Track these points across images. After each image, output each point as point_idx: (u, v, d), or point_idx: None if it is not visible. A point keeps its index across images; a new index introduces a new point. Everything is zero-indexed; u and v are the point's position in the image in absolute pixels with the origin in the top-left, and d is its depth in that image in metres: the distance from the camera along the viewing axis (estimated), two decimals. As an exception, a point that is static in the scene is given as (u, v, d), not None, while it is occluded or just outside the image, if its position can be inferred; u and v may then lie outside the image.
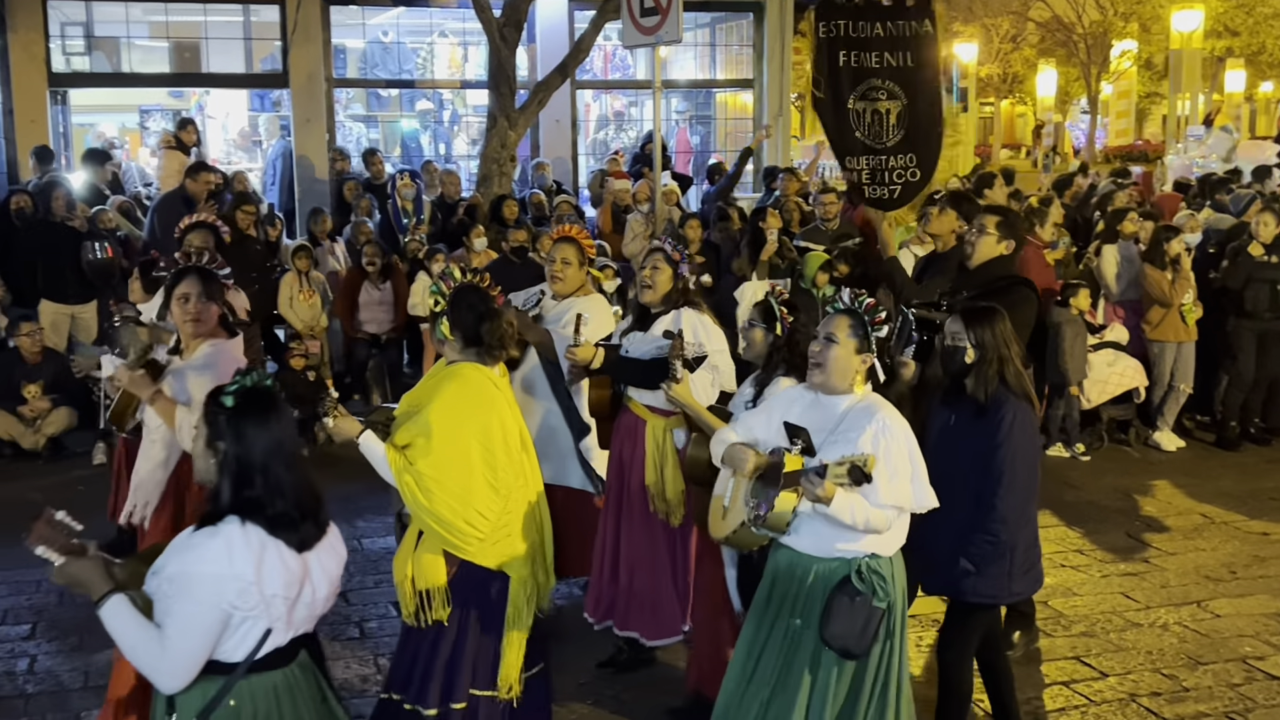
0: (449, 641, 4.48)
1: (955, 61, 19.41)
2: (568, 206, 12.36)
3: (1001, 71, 44.54)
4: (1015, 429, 4.56)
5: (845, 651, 4.06)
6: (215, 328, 5.09)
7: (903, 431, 4.10)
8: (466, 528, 4.34)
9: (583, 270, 6.11)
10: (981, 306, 4.80)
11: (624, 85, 18.87)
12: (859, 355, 4.15)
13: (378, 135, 18.47)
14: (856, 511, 3.94)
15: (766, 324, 5.00)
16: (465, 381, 4.45)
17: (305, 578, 3.26)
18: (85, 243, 9.88)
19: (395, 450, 4.35)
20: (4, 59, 14.95)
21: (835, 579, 4.10)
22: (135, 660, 3.14)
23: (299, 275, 10.64)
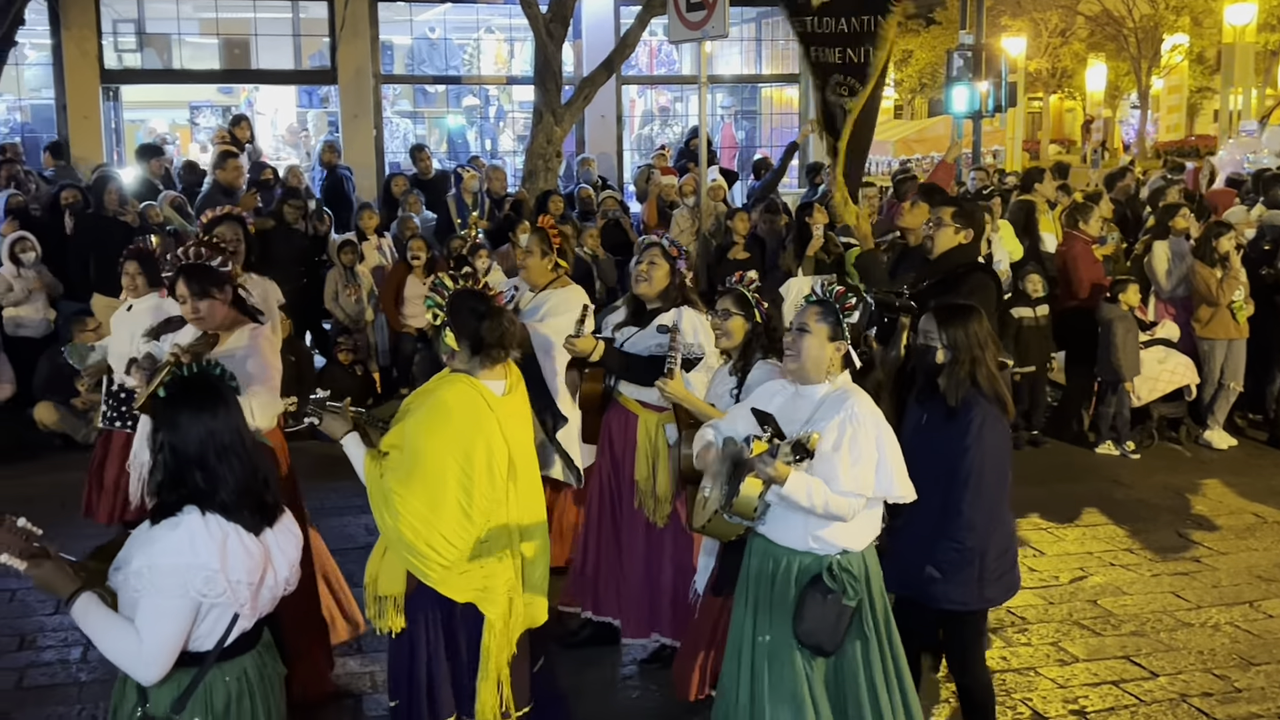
0: (426, 662, 4.37)
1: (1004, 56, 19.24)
2: (613, 202, 12.38)
3: (1050, 66, 44.08)
4: (985, 432, 4.47)
5: (817, 648, 4.06)
6: (236, 316, 5.11)
7: (872, 419, 4.06)
8: (430, 552, 4.15)
9: (546, 261, 6.14)
10: (956, 305, 4.74)
11: (669, 80, 18.87)
12: (832, 343, 4.14)
13: (424, 131, 18.58)
14: (814, 495, 3.90)
15: (744, 311, 4.99)
16: (454, 397, 4.24)
17: (267, 563, 3.31)
18: (137, 237, 9.98)
19: (374, 459, 4.21)
20: (58, 56, 15.19)
21: (807, 574, 4.09)
22: (111, 654, 3.17)
23: (344, 270, 10.71)
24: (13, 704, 5.54)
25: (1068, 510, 8.36)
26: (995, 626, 6.43)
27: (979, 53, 17.91)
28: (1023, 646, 6.21)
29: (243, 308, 5.18)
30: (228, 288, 5.06)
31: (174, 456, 3.23)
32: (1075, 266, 10.00)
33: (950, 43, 27.71)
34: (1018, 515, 8.15)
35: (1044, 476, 9.17)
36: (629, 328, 5.73)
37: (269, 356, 5.02)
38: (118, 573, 3.23)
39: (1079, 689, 5.77)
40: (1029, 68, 38.52)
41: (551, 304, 6.10)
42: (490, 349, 4.31)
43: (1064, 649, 6.19)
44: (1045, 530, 7.97)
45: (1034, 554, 7.54)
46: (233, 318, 5.09)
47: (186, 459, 3.23)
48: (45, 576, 3.19)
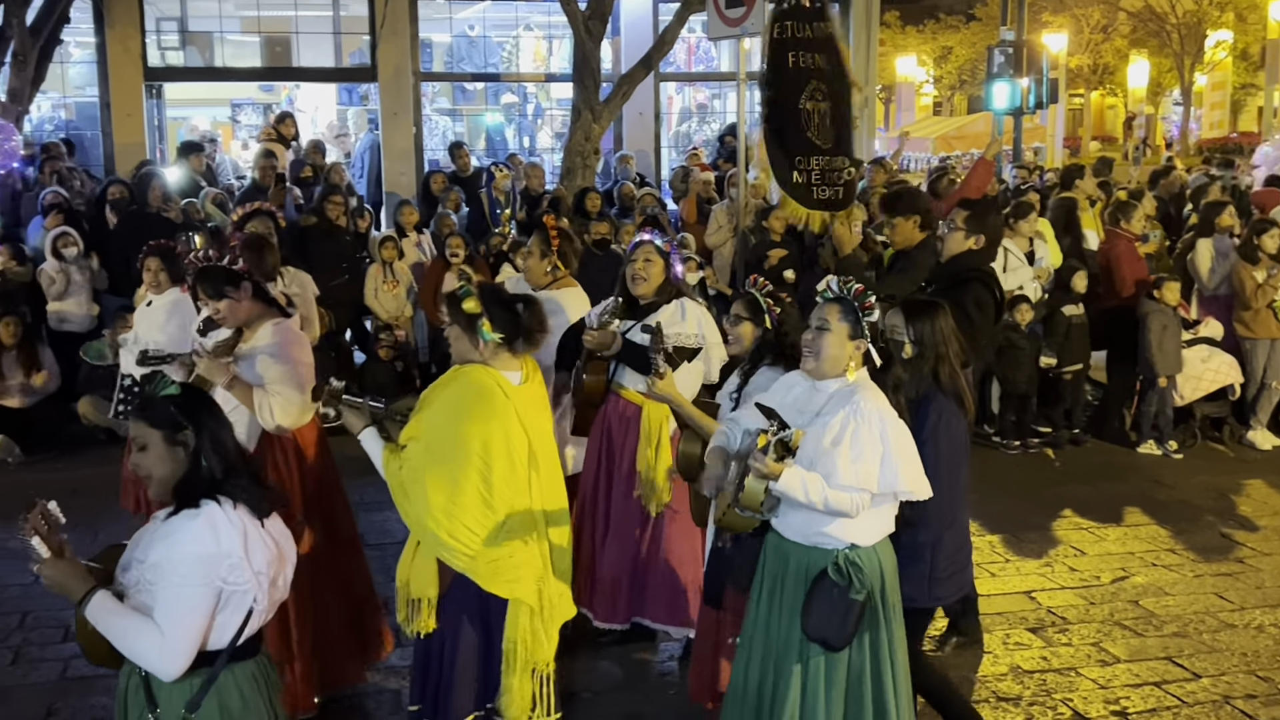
0: (450, 656, 4.41)
1: (1045, 52, 19.08)
2: (651, 199, 12.38)
3: (1092, 62, 43.71)
4: (940, 428, 4.46)
5: (825, 643, 4.03)
6: (262, 310, 5.11)
7: (877, 415, 4.01)
8: (453, 541, 4.21)
9: (545, 261, 6.11)
10: (923, 301, 4.73)
11: (708, 77, 18.84)
12: (852, 341, 4.11)
13: (462, 129, 18.64)
14: (811, 490, 3.87)
15: (754, 317, 4.95)
16: (470, 387, 4.28)
17: (281, 558, 3.35)
18: (180, 233, 10.08)
19: (392, 454, 4.26)
20: (102, 54, 15.36)
21: (815, 569, 4.07)
22: (132, 651, 3.16)
23: (383, 266, 10.77)
24: (57, 694, 5.61)
25: (1109, 510, 8.30)
26: (1035, 626, 6.40)
27: (1020, 49, 17.78)
28: (1063, 647, 6.17)
29: (267, 300, 5.17)
30: (245, 285, 5.03)
31: (211, 448, 3.28)
32: (1118, 265, 9.92)
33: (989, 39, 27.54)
34: (1059, 515, 8.17)
35: (1085, 476, 9.11)
36: (627, 321, 5.72)
37: (294, 352, 5.00)
38: (126, 572, 3.24)
39: (1120, 690, 5.73)
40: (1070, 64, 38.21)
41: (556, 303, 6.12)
42: (526, 338, 4.38)
43: (1105, 649, 6.15)
44: (1086, 530, 7.92)
45: (1075, 554, 7.48)
46: (257, 312, 5.09)
47: (219, 448, 3.30)
48: (57, 576, 3.19)
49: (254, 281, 5.10)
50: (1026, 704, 5.57)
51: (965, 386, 4.62)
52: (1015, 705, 5.55)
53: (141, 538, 3.30)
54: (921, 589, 4.56)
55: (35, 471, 9.08)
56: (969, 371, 6.34)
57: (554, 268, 6.14)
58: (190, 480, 3.28)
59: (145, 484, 3.33)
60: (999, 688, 5.72)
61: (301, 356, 5.04)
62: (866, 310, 4.12)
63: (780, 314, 4.92)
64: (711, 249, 11.49)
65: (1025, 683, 5.77)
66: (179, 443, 3.28)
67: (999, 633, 6.32)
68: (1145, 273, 10.00)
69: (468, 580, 4.32)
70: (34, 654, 5.99)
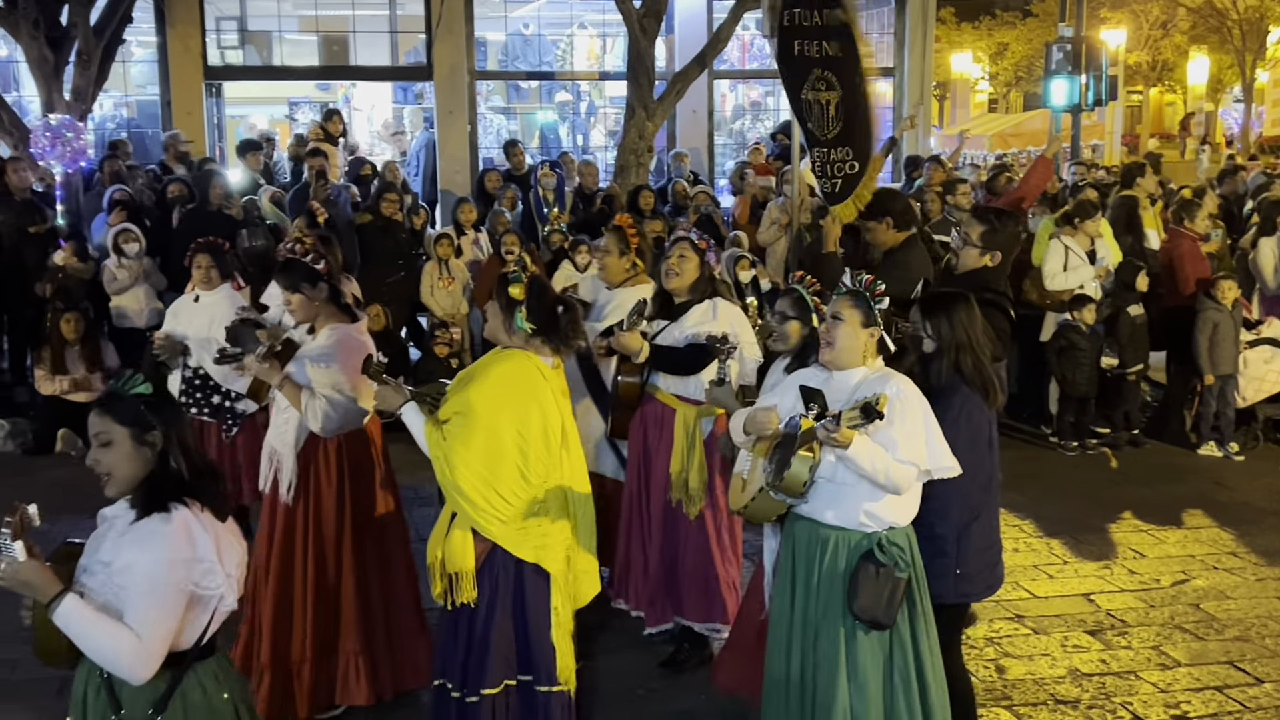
0: (482, 626, 4.49)
1: (1104, 49, 18.85)
2: (705, 197, 12.36)
3: (1150, 58, 43.10)
4: (960, 420, 4.43)
5: (874, 623, 4.08)
6: (333, 312, 5.20)
7: (917, 397, 4.11)
8: (488, 507, 4.36)
9: (624, 259, 6.13)
10: (942, 295, 4.72)
11: (762, 75, 18.78)
12: (865, 329, 4.18)
13: (516, 127, 18.72)
14: (877, 460, 3.94)
15: (800, 316, 4.94)
16: (512, 367, 4.46)
17: (244, 559, 3.35)
18: (242, 230, 10.20)
19: (434, 425, 4.39)
20: (163, 54, 15.59)
21: (857, 551, 4.11)
22: (101, 655, 3.11)
23: (439, 263, 10.83)
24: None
25: (1169, 512, 8.19)
26: (1094, 629, 6.34)
27: (1079, 45, 17.57)
28: (1123, 650, 6.11)
29: (340, 304, 5.26)
30: (321, 285, 5.14)
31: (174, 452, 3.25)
32: (1181, 264, 9.79)
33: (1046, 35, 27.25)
34: (1118, 516, 8.08)
35: (1145, 477, 9.00)
36: (660, 321, 5.74)
37: (345, 360, 5.05)
38: (88, 574, 3.18)
39: (1181, 694, 5.66)
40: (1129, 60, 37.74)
41: (616, 303, 6.12)
42: (560, 339, 4.52)
43: (1165, 653, 6.08)
44: (1146, 532, 7.82)
45: (1135, 556, 7.40)
46: (326, 314, 5.19)
47: (185, 449, 3.28)
48: (29, 577, 3.10)
49: (331, 283, 5.18)
50: (1085, 707, 5.52)
51: (992, 378, 4.59)
52: (1074, 708, 5.50)
53: (103, 539, 3.24)
54: (947, 584, 4.53)
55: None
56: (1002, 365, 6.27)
57: (633, 265, 6.17)
58: (159, 482, 3.23)
59: (102, 481, 3.24)
60: (1057, 690, 5.67)
61: (355, 363, 5.06)
62: (878, 299, 4.19)
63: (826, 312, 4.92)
64: (764, 246, 11.46)
65: (1084, 685, 5.72)
66: (147, 443, 3.23)
67: (1057, 635, 6.26)
68: (1208, 272, 9.86)
69: (501, 554, 4.46)
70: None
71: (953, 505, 4.41)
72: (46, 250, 10.08)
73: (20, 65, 14.61)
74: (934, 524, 4.40)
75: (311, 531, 5.15)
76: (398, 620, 5.35)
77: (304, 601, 5.17)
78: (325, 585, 5.18)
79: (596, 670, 5.74)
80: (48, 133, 10.56)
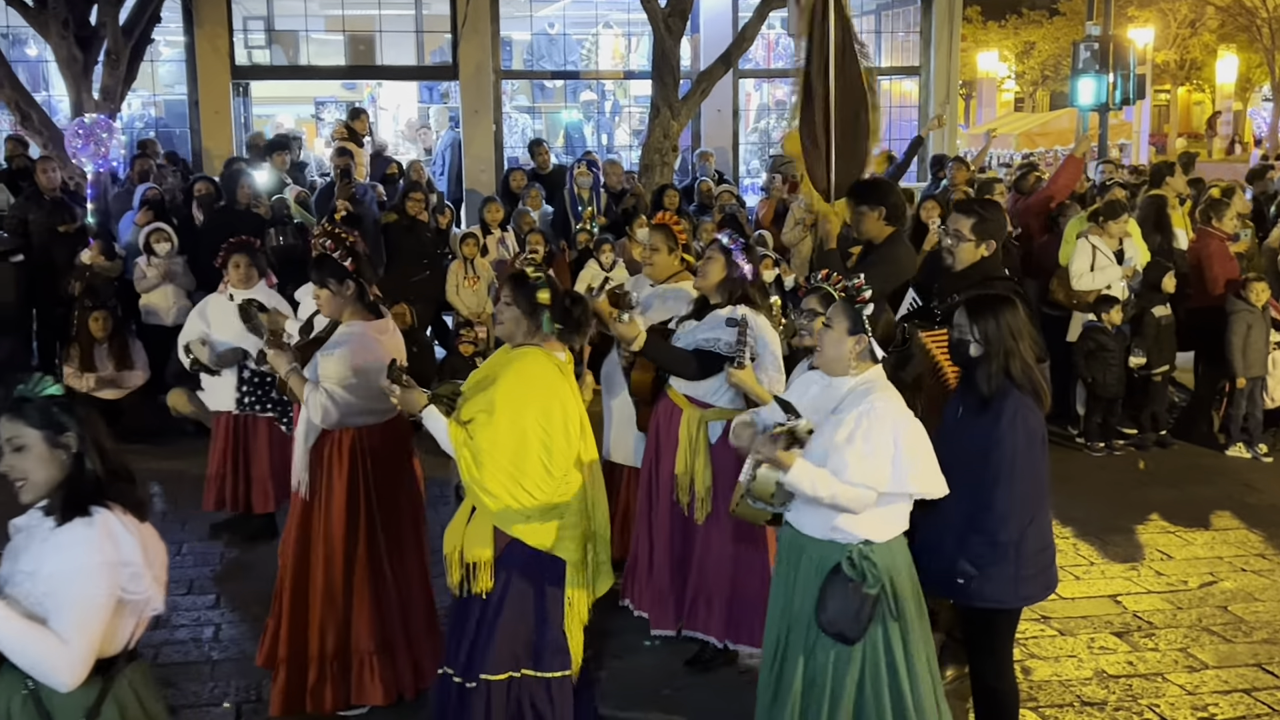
0: (493, 614, 4.54)
1: (1132, 47, 18.75)
2: (729, 197, 12.35)
3: (1178, 57, 42.84)
4: (1016, 424, 4.39)
5: (840, 636, 4.08)
6: (357, 308, 5.24)
7: (890, 414, 4.05)
8: (512, 502, 4.42)
9: (673, 256, 6.14)
10: (987, 297, 4.65)
11: (787, 74, 18.73)
12: (851, 337, 4.15)
13: (541, 126, 18.75)
14: (819, 485, 3.93)
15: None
16: (531, 364, 4.53)
17: (165, 560, 3.32)
18: (270, 229, 10.25)
19: (457, 425, 4.44)
20: (191, 53, 15.68)
21: (828, 563, 4.11)
22: (30, 662, 3.05)
23: (465, 262, 10.86)
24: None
25: (1197, 514, 8.14)
26: (1121, 630, 6.31)
27: (1106, 44, 17.49)
28: (1150, 652, 6.07)
29: (365, 302, 5.28)
30: (348, 282, 5.18)
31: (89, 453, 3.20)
32: (1209, 264, 9.72)
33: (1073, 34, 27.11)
34: (1145, 518, 8.04)
35: (1172, 479, 8.95)
36: (689, 320, 5.72)
37: (359, 358, 5.06)
38: (9, 584, 3.11)
39: (1208, 696, 5.63)
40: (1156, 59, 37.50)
41: (660, 299, 6.14)
42: (578, 332, 4.64)
43: (1193, 655, 6.04)
44: (1173, 534, 7.77)
45: (1162, 558, 7.36)
46: (351, 311, 5.23)
47: (94, 455, 3.21)
48: None
49: (358, 281, 5.22)
50: (1112, 709, 5.49)
51: (1041, 380, 4.56)
52: (1100, 710, 5.48)
53: (20, 550, 3.16)
54: (1008, 590, 4.51)
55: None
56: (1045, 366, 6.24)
57: (681, 261, 6.18)
58: (76, 485, 3.16)
59: (16, 488, 3.16)
60: (1083, 692, 5.65)
61: (366, 360, 5.06)
62: (862, 304, 4.18)
63: None
64: (788, 246, 11.44)
65: (1111, 687, 5.69)
66: (61, 445, 3.16)
67: (1083, 636, 6.23)
68: (1237, 273, 9.78)
69: (519, 545, 4.51)
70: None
71: (1013, 511, 4.38)
72: (76, 249, 10.15)
73: (50, 65, 14.71)
74: (996, 531, 4.38)
75: (323, 527, 5.17)
76: (414, 619, 5.36)
77: (317, 598, 5.19)
78: (337, 582, 5.19)
79: (621, 669, 5.76)
80: (80, 131, 10.63)
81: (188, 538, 7.55)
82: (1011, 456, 4.36)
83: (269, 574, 6.96)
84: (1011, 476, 4.35)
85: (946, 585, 4.55)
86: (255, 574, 6.94)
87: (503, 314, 4.62)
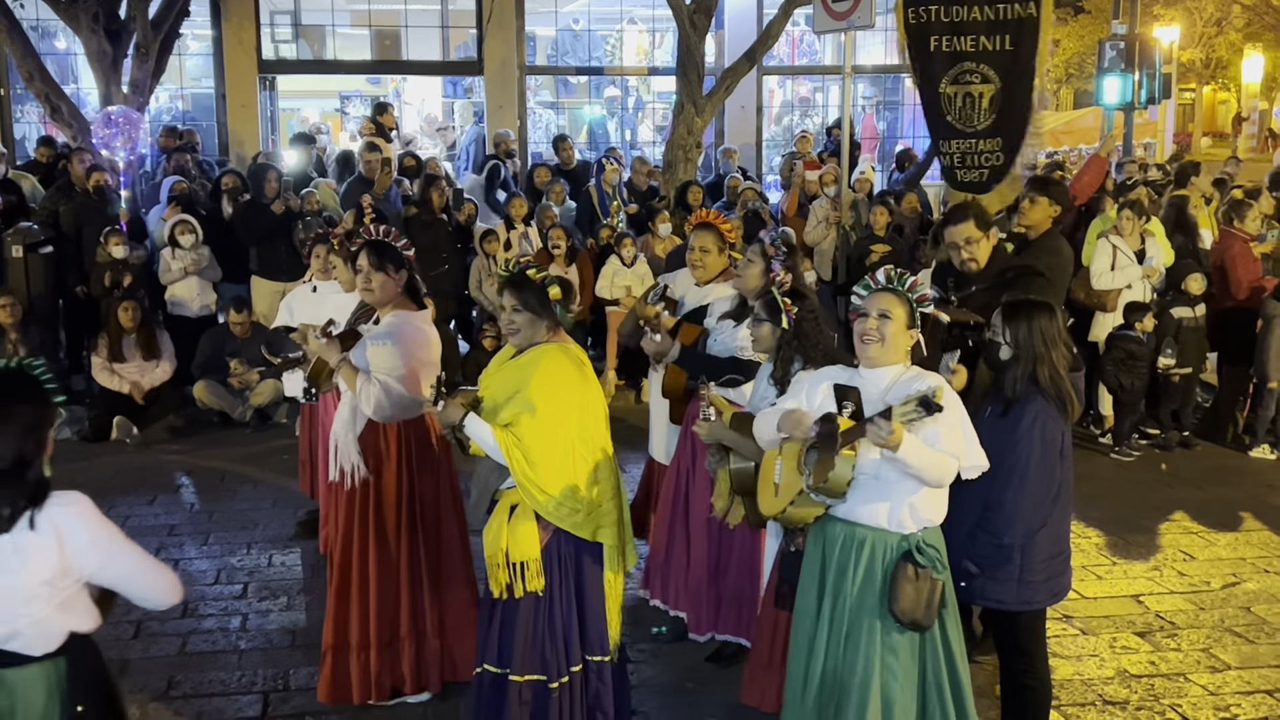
0: (557, 609, 4.55)
1: (1158, 46, 18.66)
2: (752, 193, 12.35)
3: (1204, 56, 42.58)
4: (1035, 429, 4.40)
5: (915, 624, 4.07)
6: (401, 298, 5.28)
7: (953, 394, 4.08)
8: (569, 499, 4.46)
9: (723, 256, 6.09)
10: (1024, 302, 4.65)
11: (811, 71, 18.78)
12: (909, 330, 4.17)
13: (564, 122, 18.79)
14: (925, 455, 3.92)
15: (771, 318, 4.90)
16: (555, 361, 4.54)
17: None
18: (298, 221, 10.32)
19: (501, 429, 4.44)
20: (218, 47, 15.79)
21: (894, 553, 4.11)
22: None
23: (487, 258, 10.90)
24: (176, 668, 5.81)
25: (1220, 514, 8.13)
26: (1143, 630, 6.32)
27: (1132, 43, 17.41)
28: (1172, 652, 6.08)
29: (413, 292, 5.34)
30: (404, 271, 5.25)
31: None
32: (1233, 266, 9.69)
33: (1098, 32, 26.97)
34: (1168, 518, 8.03)
35: (1196, 479, 8.93)
36: (728, 320, 5.73)
37: (410, 348, 5.12)
38: None
39: (1230, 697, 5.63)
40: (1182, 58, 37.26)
41: (703, 299, 6.13)
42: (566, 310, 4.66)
43: (1215, 656, 6.05)
44: (1196, 534, 7.77)
45: (1184, 558, 7.36)
46: (398, 300, 5.27)
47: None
48: None
49: (411, 271, 5.29)
50: (1134, 709, 5.51)
51: (1069, 390, 4.56)
52: (1122, 709, 5.49)
53: None
54: (1010, 592, 4.53)
55: (151, 453, 9.37)
56: (1079, 375, 6.25)
57: (730, 260, 6.16)
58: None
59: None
60: (1105, 691, 5.66)
61: (417, 351, 5.14)
62: (922, 302, 4.18)
63: (798, 314, 4.87)
64: (811, 245, 11.46)
65: (1133, 687, 5.70)
66: None
67: (1105, 636, 6.24)
68: (1260, 274, 9.75)
69: (561, 537, 4.54)
70: (154, 628, 6.20)
71: (1020, 515, 4.40)
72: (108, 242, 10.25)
73: (79, 58, 14.85)
74: (1002, 533, 4.41)
75: (372, 518, 5.21)
76: (452, 611, 5.40)
77: (362, 588, 5.24)
78: (385, 573, 5.24)
79: (641, 663, 5.80)
80: (112, 118, 10.75)
81: (214, 528, 7.62)
82: (1026, 461, 4.38)
83: (296, 563, 7.07)
84: (1024, 481, 4.38)
85: (952, 581, 4.57)
86: (282, 563, 7.02)
87: (515, 321, 4.56)
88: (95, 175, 10.68)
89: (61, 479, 3.31)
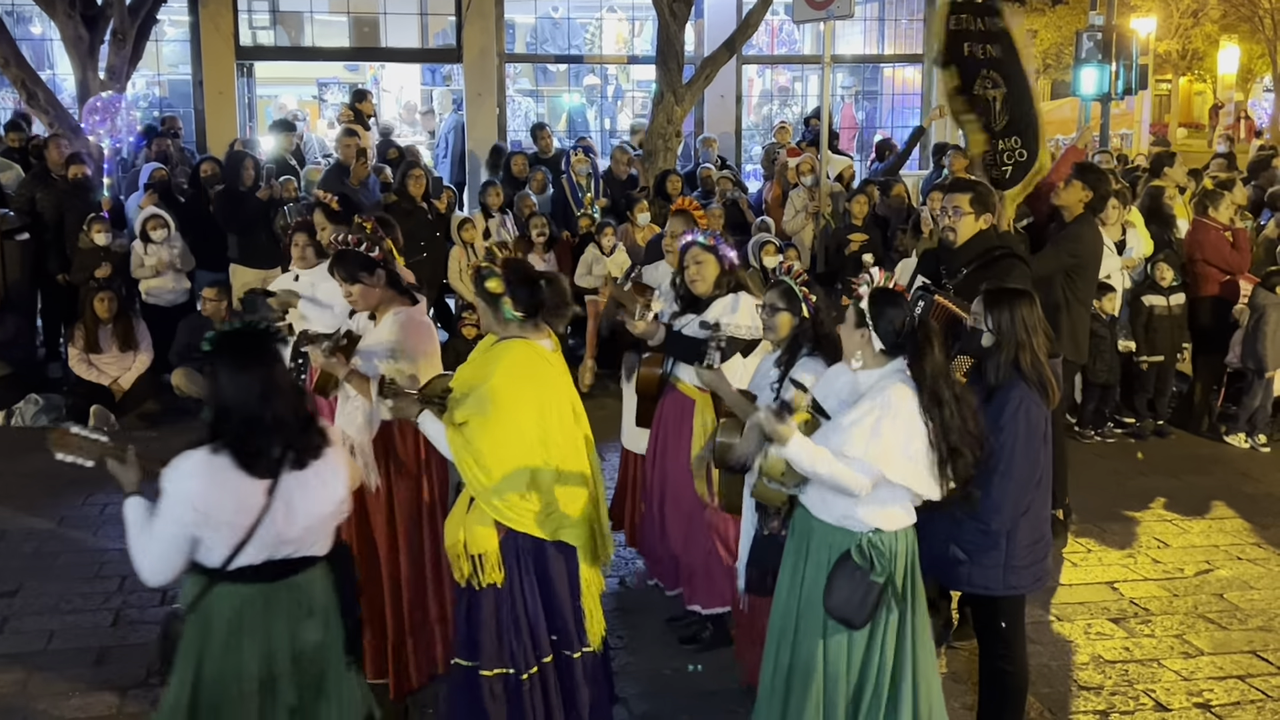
0: (519, 602, 4.52)
1: (1134, 37, 18.76)
2: (728, 183, 12.34)
3: (1180, 47, 42.77)
4: (1019, 416, 4.45)
5: (846, 622, 4.11)
6: (392, 296, 5.22)
7: (906, 412, 4.01)
8: (520, 501, 4.40)
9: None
10: (1005, 290, 4.71)
11: (790, 60, 18.78)
12: (857, 330, 4.16)
13: (543, 110, 18.74)
14: (818, 462, 3.92)
15: (790, 307, 4.93)
16: (516, 357, 4.46)
17: (266, 508, 3.53)
18: (278, 209, 10.27)
19: (454, 429, 4.40)
20: (195, 33, 15.68)
21: (839, 549, 4.14)
22: (131, 553, 3.60)
23: (466, 247, 10.88)
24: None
25: (1194, 502, 8.22)
26: (1118, 616, 6.38)
27: (1109, 34, 17.49)
28: (1146, 638, 6.15)
29: (399, 288, 5.27)
30: (378, 271, 5.15)
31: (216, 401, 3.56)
32: (1203, 252, 9.76)
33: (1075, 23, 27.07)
34: (1143, 506, 8.11)
35: (1170, 468, 9.01)
36: (686, 315, 5.76)
37: (415, 344, 5.10)
38: None
39: (1204, 682, 5.70)
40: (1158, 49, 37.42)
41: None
42: (549, 313, 4.54)
43: (1189, 641, 6.12)
44: (1170, 522, 7.85)
45: (1159, 545, 7.43)
46: (387, 299, 5.21)
47: (225, 403, 3.55)
48: (117, 470, 3.74)
49: (388, 269, 5.21)
50: (1108, 693, 5.57)
51: (1051, 375, 4.61)
52: (1097, 694, 5.56)
53: None
54: (996, 577, 4.58)
55: (129, 441, 9.30)
56: (1058, 361, 6.34)
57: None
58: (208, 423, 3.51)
59: None
60: (1080, 676, 5.72)
61: (422, 346, 5.12)
62: (857, 299, 4.17)
63: (815, 302, 4.92)
64: (790, 234, 11.49)
65: (1107, 672, 5.77)
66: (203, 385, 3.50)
67: (1080, 622, 6.31)
68: (1233, 262, 9.79)
69: (518, 536, 4.47)
70: (133, 616, 6.19)
71: (1007, 501, 4.45)
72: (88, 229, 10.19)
73: (55, 43, 14.73)
74: (988, 519, 4.45)
75: (387, 516, 5.19)
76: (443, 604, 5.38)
77: (388, 586, 5.22)
78: (417, 568, 5.23)
79: (625, 647, 5.82)
80: (99, 105, 10.68)
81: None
82: (1011, 447, 4.42)
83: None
84: (1010, 466, 4.42)
85: (938, 567, 4.62)
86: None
87: (478, 309, 4.62)
88: (74, 168, 10.61)
89: (38, 467, 3.35)
